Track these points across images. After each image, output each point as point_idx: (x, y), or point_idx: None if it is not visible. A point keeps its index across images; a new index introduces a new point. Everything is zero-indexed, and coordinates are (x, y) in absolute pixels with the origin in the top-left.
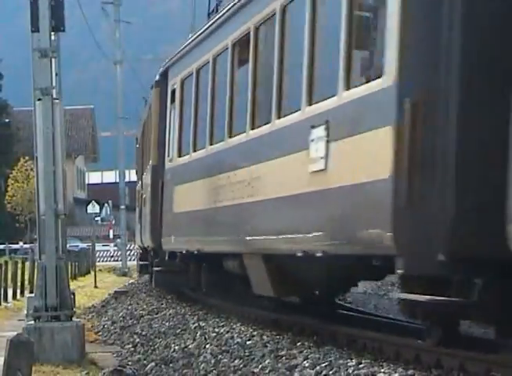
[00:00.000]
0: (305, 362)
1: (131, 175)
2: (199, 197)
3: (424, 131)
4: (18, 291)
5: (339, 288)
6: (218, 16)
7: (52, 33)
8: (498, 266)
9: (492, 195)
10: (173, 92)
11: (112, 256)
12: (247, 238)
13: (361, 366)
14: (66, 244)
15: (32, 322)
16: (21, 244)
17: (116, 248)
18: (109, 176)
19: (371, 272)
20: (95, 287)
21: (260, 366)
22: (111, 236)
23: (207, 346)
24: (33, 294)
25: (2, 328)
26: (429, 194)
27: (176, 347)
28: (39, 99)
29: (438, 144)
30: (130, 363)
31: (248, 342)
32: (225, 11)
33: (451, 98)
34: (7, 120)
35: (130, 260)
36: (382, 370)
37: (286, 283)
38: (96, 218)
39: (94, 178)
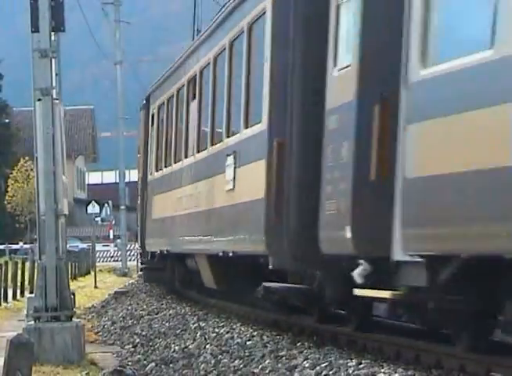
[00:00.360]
0: (305, 362)
1: (131, 175)
2: (166, 206)
3: (283, 165)
4: (18, 291)
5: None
6: (179, 57)
7: (52, 33)
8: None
9: (316, 213)
10: (152, 116)
11: (112, 256)
12: (196, 240)
13: (361, 366)
14: (67, 245)
15: (32, 322)
16: (21, 244)
17: (116, 248)
18: (109, 176)
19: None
20: (95, 287)
21: (260, 366)
22: (111, 236)
23: (207, 346)
24: (33, 295)
25: (2, 328)
26: (285, 212)
27: (176, 347)
28: (39, 100)
29: (287, 176)
30: (130, 363)
31: (248, 342)
32: (182, 54)
33: (292, 141)
34: (7, 120)
35: (130, 260)
36: (382, 371)
37: (222, 278)
38: (96, 219)
39: (94, 178)
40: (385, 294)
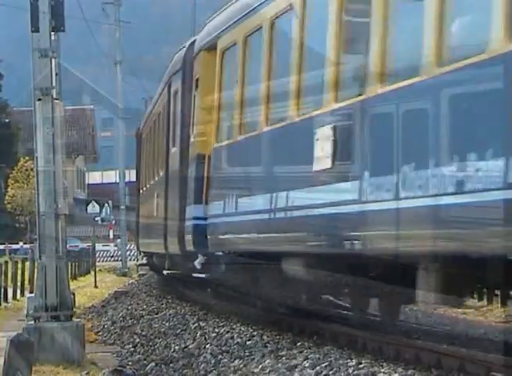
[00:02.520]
0: (305, 362)
1: (131, 175)
2: None
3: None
4: (18, 291)
5: None
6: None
7: (52, 33)
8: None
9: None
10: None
11: (112, 256)
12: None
13: (361, 366)
14: (67, 244)
15: (32, 322)
16: (21, 244)
17: (116, 248)
18: (110, 176)
19: None
20: (95, 287)
21: (260, 366)
22: (111, 236)
23: (207, 346)
24: (33, 294)
25: (2, 328)
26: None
27: (176, 347)
28: (39, 99)
29: None
30: (130, 363)
31: (248, 342)
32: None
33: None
34: (7, 120)
35: (130, 260)
36: (382, 370)
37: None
38: (96, 218)
39: (94, 178)
40: None
